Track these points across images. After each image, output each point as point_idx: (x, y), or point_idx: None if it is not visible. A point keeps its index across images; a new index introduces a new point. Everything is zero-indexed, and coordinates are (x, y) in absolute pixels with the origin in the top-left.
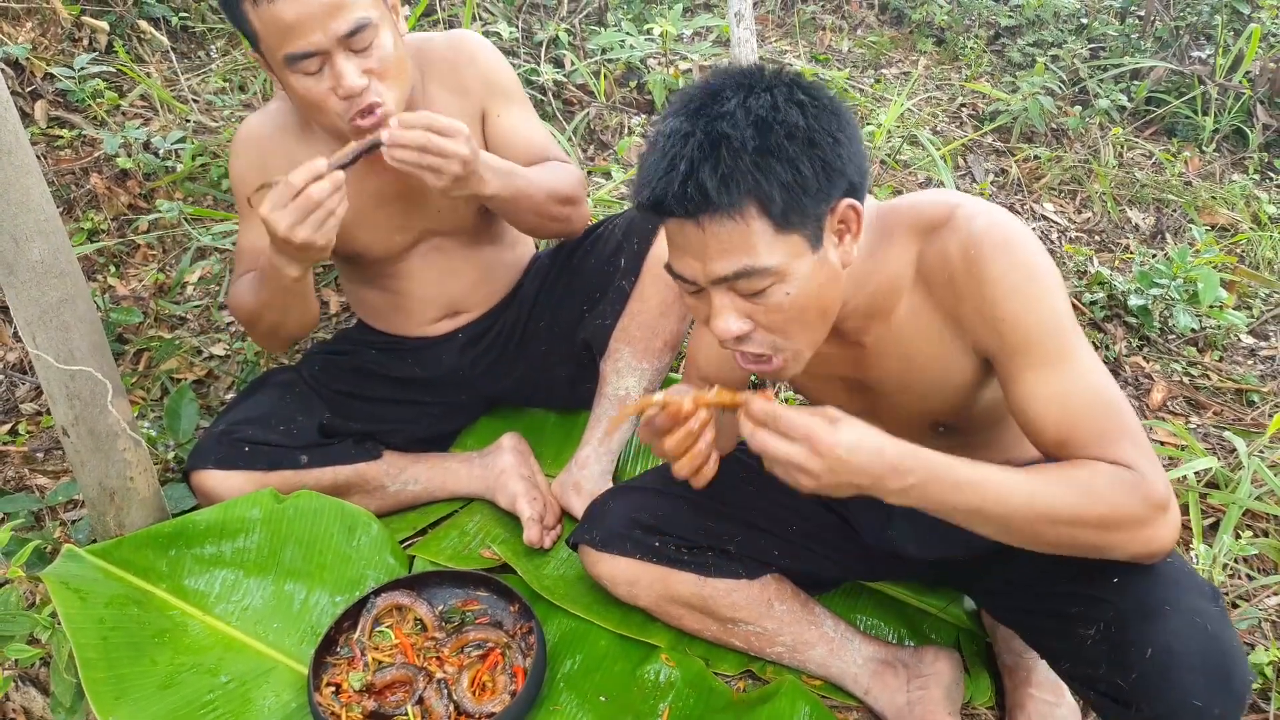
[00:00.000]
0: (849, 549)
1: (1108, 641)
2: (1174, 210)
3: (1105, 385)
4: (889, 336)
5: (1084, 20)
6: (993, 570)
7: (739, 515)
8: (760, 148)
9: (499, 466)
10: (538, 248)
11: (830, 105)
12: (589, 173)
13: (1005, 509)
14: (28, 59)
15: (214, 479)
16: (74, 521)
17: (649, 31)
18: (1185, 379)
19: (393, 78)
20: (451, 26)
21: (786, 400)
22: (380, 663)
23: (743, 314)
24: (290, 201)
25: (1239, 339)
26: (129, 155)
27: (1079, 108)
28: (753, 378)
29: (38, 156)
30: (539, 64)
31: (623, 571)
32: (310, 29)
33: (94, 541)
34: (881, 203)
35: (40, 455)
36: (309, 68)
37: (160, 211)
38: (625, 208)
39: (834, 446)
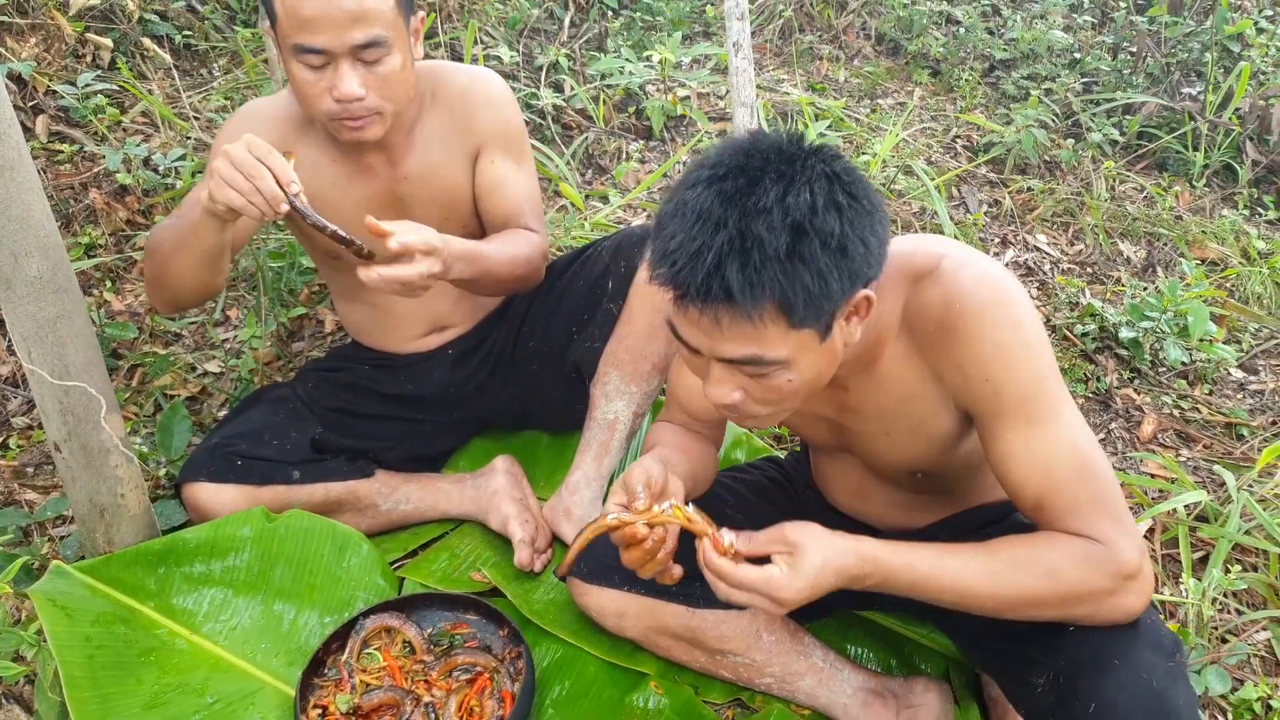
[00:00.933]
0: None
1: (1056, 691)
2: (1165, 244)
3: (1086, 449)
4: (871, 382)
5: (1077, 55)
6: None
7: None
8: (791, 253)
9: (491, 488)
10: None
11: (867, 204)
12: (586, 197)
13: (965, 598)
14: (31, 75)
15: (206, 492)
16: (63, 538)
17: (648, 58)
18: (1175, 412)
19: (390, 97)
20: (454, 50)
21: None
22: (368, 685)
23: (739, 386)
24: (245, 157)
25: (1228, 373)
26: (129, 171)
27: (1072, 141)
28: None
29: (38, 171)
30: (539, 88)
31: (611, 603)
32: (325, 29)
33: (82, 558)
34: None
35: (30, 470)
36: (313, 62)
37: None
38: (618, 231)
39: (792, 597)
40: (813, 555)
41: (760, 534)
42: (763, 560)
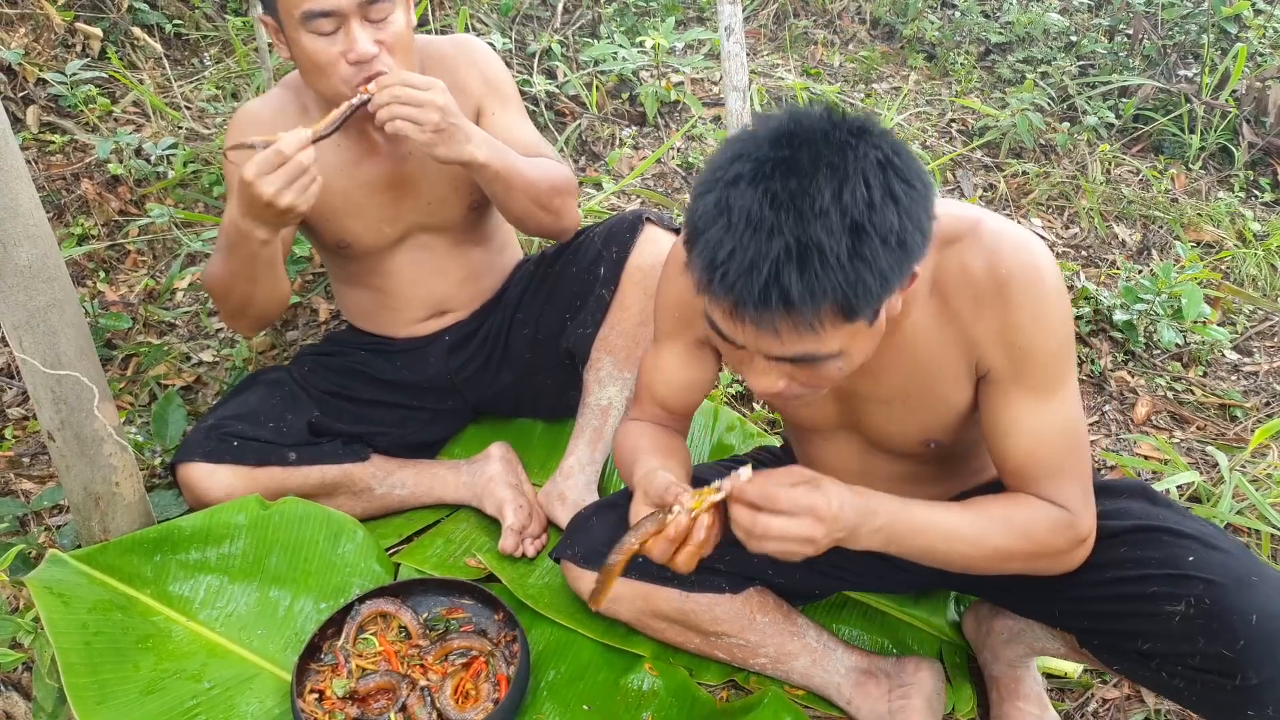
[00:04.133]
0: (843, 563)
1: (1203, 614)
2: (1160, 227)
3: (1079, 425)
4: (892, 346)
5: (1073, 38)
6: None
7: (728, 536)
8: (853, 256)
9: (487, 474)
10: (525, 254)
11: (921, 187)
12: (580, 183)
13: (952, 549)
14: (20, 64)
15: (201, 472)
16: (59, 526)
17: (641, 44)
18: (1169, 394)
19: (401, 55)
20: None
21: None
22: (364, 670)
23: (784, 375)
24: (278, 167)
25: (1223, 355)
26: (120, 161)
27: (1067, 124)
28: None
29: (29, 161)
30: (532, 75)
31: None
32: None
33: (78, 546)
34: None
35: (26, 460)
36: (323, 27)
37: (151, 217)
38: (610, 216)
39: (838, 511)
40: (833, 486)
41: (772, 473)
42: None
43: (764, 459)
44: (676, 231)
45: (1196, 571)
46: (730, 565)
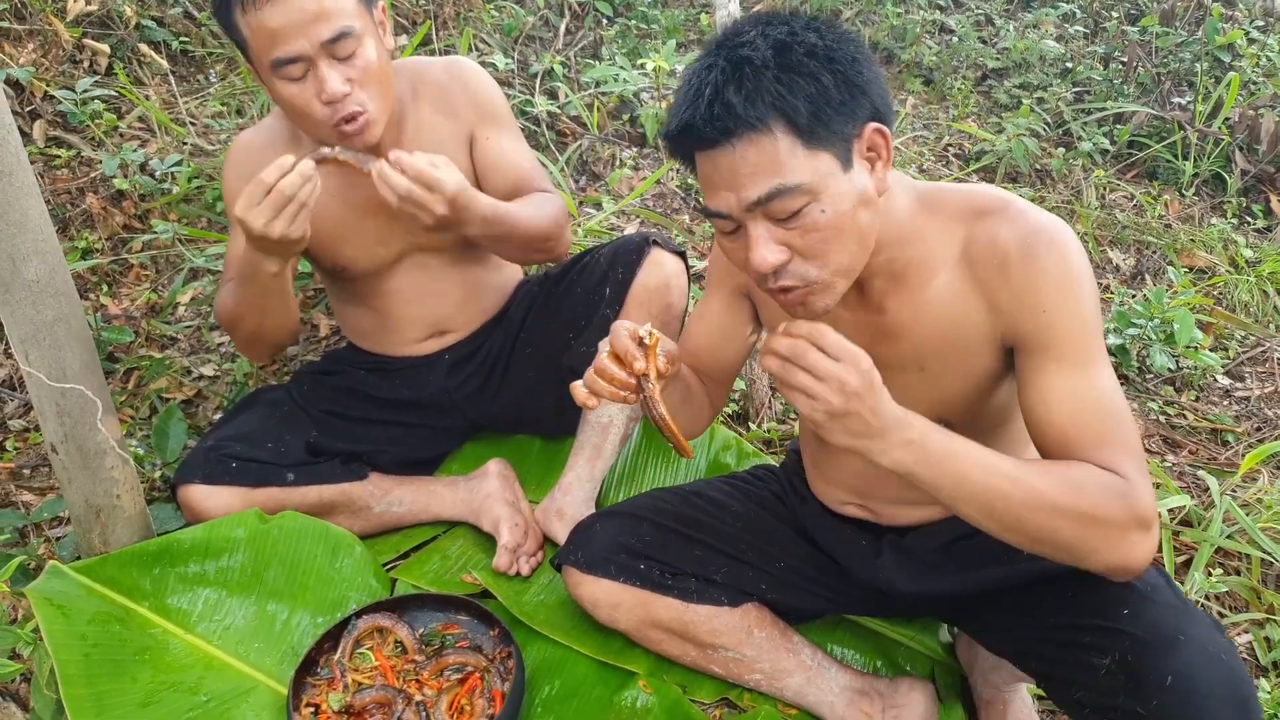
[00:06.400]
0: (836, 585)
1: (1125, 670)
2: (1154, 252)
3: (1117, 397)
4: (915, 309)
5: (1069, 64)
6: (990, 606)
7: (726, 549)
8: (780, 64)
9: (484, 491)
10: (526, 274)
11: (846, 33)
12: (580, 203)
13: (991, 483)
14: (29, 80)
15: (200, 493)
16: (59, 538)
17: (642, 66)
18: (1161, 418)
19: (375, 87)
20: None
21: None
22: (360, 684)
23: (780, 241)
24: (263, 199)
25: (1215, 379)
26: (125, 176)
27: (1063, 149)
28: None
29: (35, 176)
30: (534, 95)
31: (605, 594)
32: (294, 35)
33: (78, 558)
34: (926, 183)
35: (27, 471)
36: (293, 73)
37: (155, 232)
38: (615, 238)
39: (863, 388)
40: (874, 371)
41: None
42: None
43: (763, 476)
44: (682, 254)
45: (1127, 626)
46: (726, 578)
